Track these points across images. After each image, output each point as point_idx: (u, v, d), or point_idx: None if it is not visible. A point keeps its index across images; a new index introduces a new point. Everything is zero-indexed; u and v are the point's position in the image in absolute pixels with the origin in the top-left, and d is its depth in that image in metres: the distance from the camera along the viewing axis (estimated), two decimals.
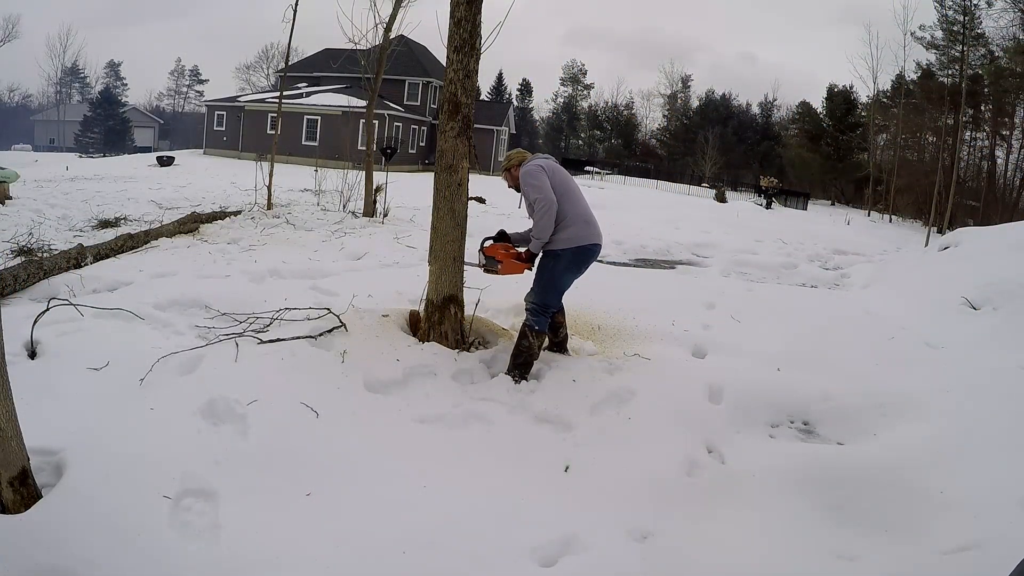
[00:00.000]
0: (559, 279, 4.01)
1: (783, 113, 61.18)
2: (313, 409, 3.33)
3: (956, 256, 8.05)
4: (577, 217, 3.95)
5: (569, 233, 3.92)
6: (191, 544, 2.45)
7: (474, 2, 4.06)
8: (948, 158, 30.48)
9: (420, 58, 35.96)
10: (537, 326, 3.96)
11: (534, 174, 3.91)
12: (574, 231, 3.92)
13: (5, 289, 4.76)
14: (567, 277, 4.04)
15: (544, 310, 3.99)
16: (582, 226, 3.95)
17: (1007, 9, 31.45)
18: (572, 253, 3.94)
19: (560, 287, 4.05)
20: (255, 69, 62.19)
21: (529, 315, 4.00)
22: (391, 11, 11.06)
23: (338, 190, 12.29)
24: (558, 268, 3.97)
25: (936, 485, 3.01)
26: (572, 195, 4.00)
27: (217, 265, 6.57)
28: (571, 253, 3.94)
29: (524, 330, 3.98)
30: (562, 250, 3.93)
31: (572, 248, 3.92)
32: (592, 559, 2.55)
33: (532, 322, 3.97)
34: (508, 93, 64.50)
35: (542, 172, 3.92)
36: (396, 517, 2.69)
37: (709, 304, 5.92)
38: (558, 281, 4.01)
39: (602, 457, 3.23)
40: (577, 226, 3.93)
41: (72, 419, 3.03)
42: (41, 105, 61.62)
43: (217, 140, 35.37)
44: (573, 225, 3.92)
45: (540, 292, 4.00)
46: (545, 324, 4.01)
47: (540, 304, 3.99)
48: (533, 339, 3.95)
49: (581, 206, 4.02)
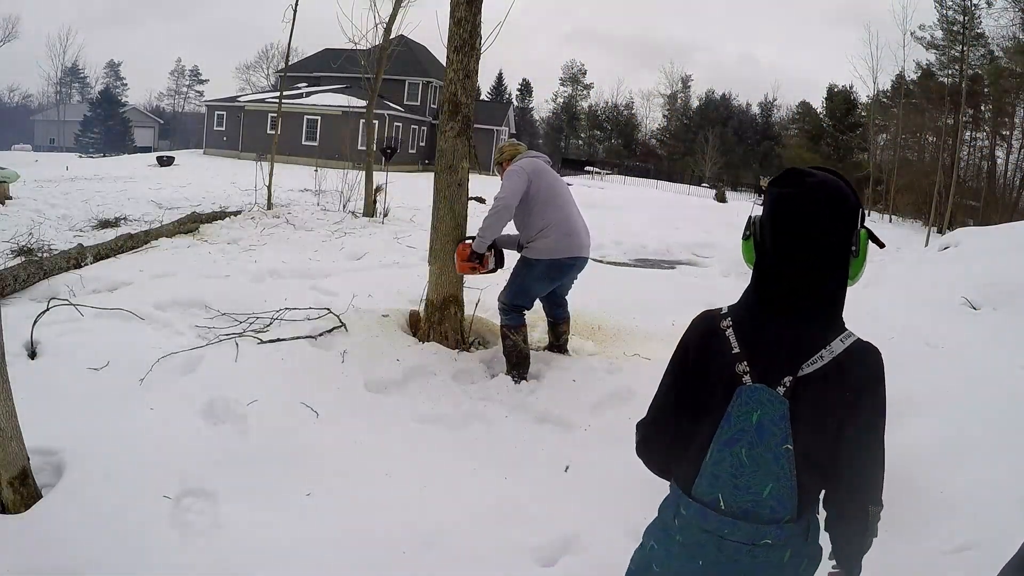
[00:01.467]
0: (530, 287, 3.95)
1: (783, 113, 61.28)
2: (313, 409, 3.33)
3: (956, 256, 8.05)
4: (558, 227, 3.84)
5: (547, 244, 3.83)
6: (191, 544, 2.45)
7: (474, 2, 4.06)
8: (948, 158, 30.50)
9: (420, 58, 35.96)
10: (511, 322, 3.94)
11: (513, 175, 3.85)
12: (552, 242, 3.83)
13: (5, 289, 4.76)
14: (539, 286, 3.97)
15: (514, 309, 3.96)
16: (562, 238, 3.84)
17: (1007, 9, 31.47)
18: (547, 265, 3.86)
19: (530, 294, 3.99)
20: (255, 69, 62.28)
21: (501, 315, 3.99)
22: (391, 11, 11.08)
23: (338, 190, 12.29)
24: (531, 276, 3.91)
25: (936, 485, 3.00)
26: (557, 201, 3.90)
27: (217, 265, 6.57)
28: (545, 265, 3.86)
29: (503, 331, 3.97)
30: (536, 260, 3.86)
31: (547, 260, 3.85)
32: (592, 559, 2.55)
33: (505, 321, 3.95)
34: (508, 93, 64.59)
35: (521, 177, 3.81)
36: (396, 517, 2.68)
37: (709, 304, 5.90)
38: (529, 288, 3.96)
39: (602, 457, 3.23)
40: (556, 237, 3.83)
41: (72, 419, 3.02)
42: (41, 105, 61.62)
43: (217, 140, 35.36)
44: (552, 236, 3.83)
45: (511, 294, 3.96)
46: (519, 319, 3.97)
47: (509, 304, 3.96)
48: (514, 336, 3.92)
49: (564, 213, 3.90)
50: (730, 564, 1.32)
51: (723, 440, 1.31)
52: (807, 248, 1.28)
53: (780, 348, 1.29)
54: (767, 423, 1.28)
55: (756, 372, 1.30)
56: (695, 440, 1.36)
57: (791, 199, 1.29)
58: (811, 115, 53.93)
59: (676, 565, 1.37)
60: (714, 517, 1.32)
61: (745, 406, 1.30)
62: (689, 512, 1.35)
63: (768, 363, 1.29)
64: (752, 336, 1.32)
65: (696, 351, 1.38)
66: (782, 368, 1.28)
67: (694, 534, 1.34)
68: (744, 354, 1.31)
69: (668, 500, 1.44)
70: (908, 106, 37.81)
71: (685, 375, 1.40)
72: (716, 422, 1.32)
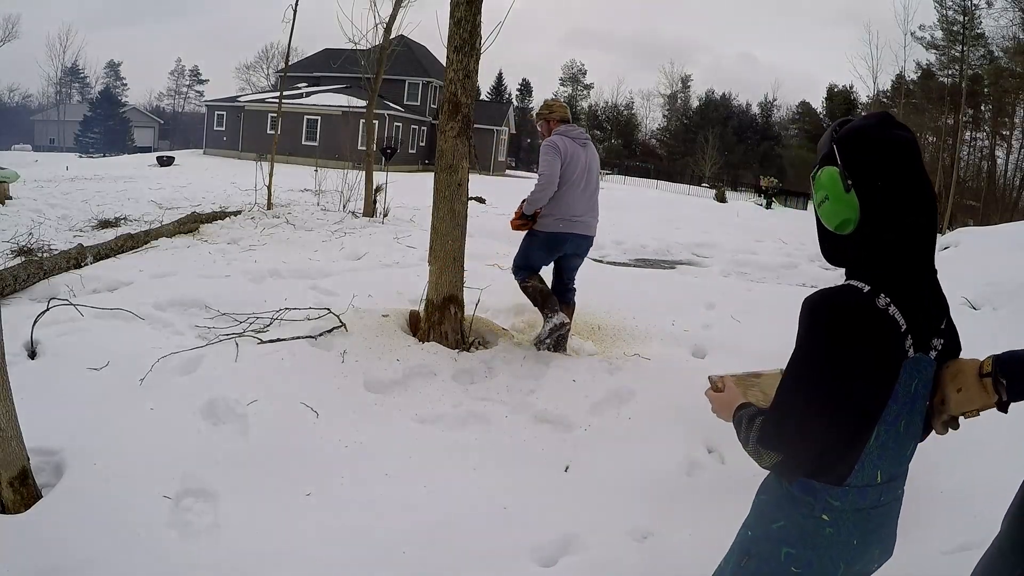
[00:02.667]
0: (531, 253, 4.36)
1: (783, 113, 61.29)
2: (313, 409, 3.33)
3: (956, 256, 8.05)
4: (565, 209, 4.20)
5: (547, 221, 4.23)
6: (191, 544, 2.45)
7: (474, 2, 4.05)
8: (948, 158, 30.51)
9: (420, 58, 35.96)
10: (524, 276, 4.35)
11: (548, 151, 4.16)
12: (551, 221, 4.22)
13: (5, 289, 4.76)
14: (538, 254, 4.35)
15: (520, 268, 4.38)
16: (560, 220, 4.23)
17: (1007, 9, 31.47)
18: (545, 236, 4.27)
19: (530, 260, 4.37)
20: (255, 69, 62.29)
21: (515, 275, 4.41)
22: (391, 11, 11.06)
23: (338, 190, 12.27)
24: (532, 245, 4.33)
25: (936, 485, 3.00)
26: (573, 188, 4.22)
27: (217, 265, 6.56)
28: (544, 236, 4.27)
29: (521, 287, 4.38)
30: (538, 232, 4.29)
31: (545, 232, 4.26)
32: (592, 559, 2.55)
33: (520, 277, 4.37)
34: (508, 93, 64.58)
35: (556, 154, 4.13)
36: (396, 517, 2.68)
37: (709, 304, 5.91)
38: (529, 254, 4.36)
39: (602, 457, 3.23)
40: (555, 217, 4.22)
41: (72, 419, 3.02)
42: (41, 105, 61.59)
43: (217, 140, 35.37)
44: (553, 215, 4.22)
45: (517, 257, 4.43)
46: (527, 274, 4.35)
47: (516, 264, 4.42)
48: (531, 282, 4.32)
49: (572, 197, 4.21)
50: (878, 528, 1.32)
51: (888, 419, 1.26)
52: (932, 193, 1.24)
53: (930, 310, 1.26)
54: (920, 388, 1.27)
55: (918, 341, 1.25)
56: (854, 433, 1.27)
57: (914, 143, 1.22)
58: (811, 115, 53.98)
59: (827, 557, 1.31)
60: (872, 492, 1.30)
61: (908, 378, 1.25)
62: (844, 501, 1.29)
63: (924, 329, 1.25)
64: (910, 305, 1.23)
65: (858, 342, 1.21)
66: (933, 330, 1.27)
67: (848, 517, 1.30)
68: (910, 327, 1.23)
69: (798, 503, 1.33)
70: (908, 106, 37.78)
71: (849, 369, 1.22)
72: (882, 405, 1.25)
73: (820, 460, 1.29)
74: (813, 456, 1.29)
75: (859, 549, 1.31)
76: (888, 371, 1.24)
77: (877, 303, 1.21)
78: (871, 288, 1.23)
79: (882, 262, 1.24)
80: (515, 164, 51.82)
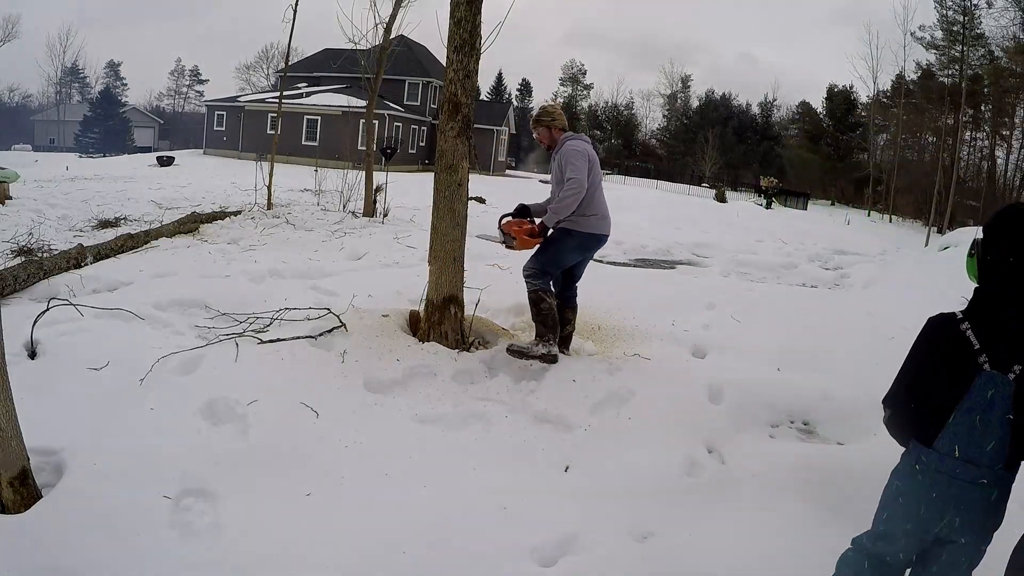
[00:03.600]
0: (564, 255, 4.17)
1: (783, 113, 61.28)
2: (313, 409, 3.33)
3: (956, 256, 8.05)
4: (599, 208, 4.14)
5: (589, 221, 4.10)
6: (191, 544, 2.45)
7: (474, 2, 4.05)
8: (948, 158, 30.51)
9: (420, 58, 35.96)
10: (544, 286, 4.10)
11: (579, 156, 4.04)
12: (594, 220, 4.12)
13: (5, 289, 4.76)
14: (571, 256, 4.20)
15: (545, 274, 4.12)
16: (601, 219, 4.16)
17: (1007, 9, 31.47)
18: (585, 237, 4.13)
19: (562, 262, 4.20)
20: (255, 69, 62.30)
21: (532, 280, 4.09)
22: (391, 11, 11.06)
23: (338, 190, 12.27)
24: (568, 245, 4.13)
25: None
26: (599, 189, 4.19)
27: (217, 265, 6.56)
28: (583, 236, 4.12)
29: (538, 295, 4.07)
30: (577, 231, 4.10)
31: (586, 232, 4.11)
32: (592, 559, 2.55)
33: (539, 284, 4.08)
34: (508, 93, 64.55)
35: (585, 159, 4.06)
36: (396, 517, 2.68)
37: (709, 304, 5.92)
38: (562, 256, 4.17)
39: (602, 457, 3.23)
40: (598, 216, 4.14)
41: (72, 419, 3.02)
42: (41, 105, 61.61)
43: (217, 140, 35.37)
44: (595, 214, 4.12)
45: (543, 261, 4.13)
46: (549, 284, 4.14)
47: (540, 269, 4.11)
48: (549, 299, 4.08)
49: (602, 198, 4.21)
50: (955, 496, 1.80)
51: (964, 409, 1.79)
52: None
53: (1015, 340, 1.75)
54: (998, 399, 1.76)
55: (994, 360, 1.76)
56: (940, 408, 1.82)
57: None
58: (811, 115, 53.92)
59: (916, 495, 1.86)
60: (949, 461, 1.80)
61: (984, 386, 1.77)
62: (929, 459, 1.84)
63: (1006, 353, 1.76)
64: (989, 333, 1.78)
65: (940, 347, 1.85)
66: (1014, 357, 1.75)
67: (931, 474, 1.83)
68: (984, 348, 1.77)
69: (908, 453, 1.93)
70: (908, 106, 37.82)
71: (932, 364, 1.86)
72: (960, 396, 1.79)
73: (915, 422, 1.90)
74: (909, 419, 1.92)
75: (936, 503, 1.82)
76: (962, 375, 1.80)
77: (960, 326, 1.82)
78: (962, 316, 1.84)
79: (974, 301, 1.85)
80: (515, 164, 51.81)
